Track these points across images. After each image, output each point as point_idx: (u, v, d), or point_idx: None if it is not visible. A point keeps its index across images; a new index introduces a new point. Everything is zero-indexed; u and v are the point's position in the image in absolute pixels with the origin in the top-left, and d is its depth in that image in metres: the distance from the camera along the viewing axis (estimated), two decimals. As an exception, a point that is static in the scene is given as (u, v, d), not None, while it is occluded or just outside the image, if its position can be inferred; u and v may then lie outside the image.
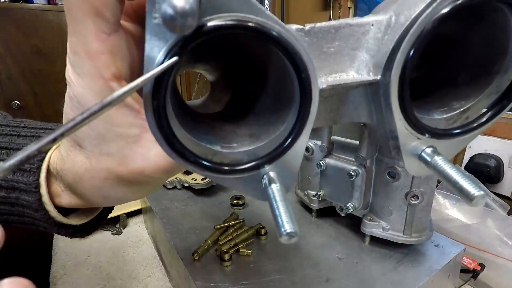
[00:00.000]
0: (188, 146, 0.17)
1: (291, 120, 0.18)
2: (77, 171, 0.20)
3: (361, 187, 0.43)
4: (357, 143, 0.42)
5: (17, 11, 1.26)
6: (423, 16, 0.16)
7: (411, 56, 0.17)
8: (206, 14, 0.14)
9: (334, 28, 0.19)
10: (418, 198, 0.40)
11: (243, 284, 0.38)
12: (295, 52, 0.15)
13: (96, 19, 0.16)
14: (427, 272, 0.40)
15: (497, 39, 0.20)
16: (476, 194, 0.16)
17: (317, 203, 0.51)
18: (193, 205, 0.57)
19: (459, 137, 0.20)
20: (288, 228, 0.15)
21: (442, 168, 0.18)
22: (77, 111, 0.18)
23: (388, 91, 0.18)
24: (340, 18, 1.35)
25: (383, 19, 0.19)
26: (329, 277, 0.39)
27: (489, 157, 0.75)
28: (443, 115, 0.22)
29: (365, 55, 0.19)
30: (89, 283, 0.54)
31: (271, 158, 0.18)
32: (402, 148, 0.20)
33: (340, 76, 0.19)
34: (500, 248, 0.51)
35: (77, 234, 0.27)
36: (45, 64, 1.34)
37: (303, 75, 0.16)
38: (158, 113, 0.15)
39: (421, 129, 0.19)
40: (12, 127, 0.27)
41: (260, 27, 0.15)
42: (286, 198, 0.17)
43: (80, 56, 0.17)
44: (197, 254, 0.42)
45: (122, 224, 0.68)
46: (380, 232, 0.44)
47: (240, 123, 0.22)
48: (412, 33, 0.17)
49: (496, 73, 0.20)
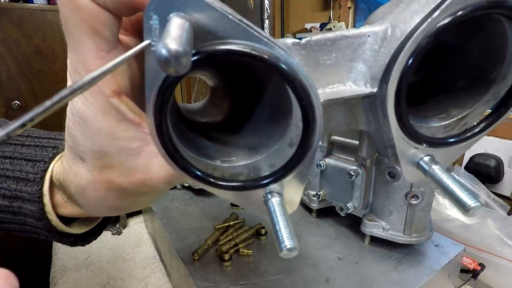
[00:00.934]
0: (190, 160, 0.17)
1: (291, 134, 0.18)
2: (80, 183, 0.20)
3: (361, 187, 0.43)
4: (357, 143, 0.42)
5: (17, 11, 1.26)
6: (418, 31, 0.16)
7: (406, 70, 0.17)
8: (202, 41, 0.14)
9: (330, 40, 0.19)
10: (418, 198, 0.40)
11: (243, 284, 0.38)
12: (298, 80, 0.15)
13: (94, 37, 0.16)
14: (427, 272, 0.40)
15: (495, 47, 0.20)
16: (472, 205, 0.16)
17: (317, 203, 0.51)
18: (193, 205, 0.57)
19: (456, 145, 0.20)
20: (288, 244, 0.15)
21: (440, 178, 0.18)
22: (80, 127, 0.18)
23: (385, 103, 0.18)
24: (340, 18, 1.36)
25: (379, 31, 0.18)
26: (329, 277, 0.39)
27: (489, 157, 0.75)
28: (440, 123, 0.22)
29: (362, 66, 0.19)
30: (89, 283, 0.54)
31: (276, 178, 0.18)
32: (400, 156, 0.20)
33: (338, 87, 0.19)
34: (500, 248, 0.51)
35: (78, 242, 0.27)
36: (45, 64, 1.34)
37: (304, 102, 0.16)
38: (162, 133, 0.16)
39: (418, 139, 0.19)
40: (15, 135, 0.27)
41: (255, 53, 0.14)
42: (286, 213, 0.17)
43: (81, 74, 0.17)
44: (197, 254, 0.42)
45: (122, 224, 0.68)
46: (380, 232, 0.44)
47: (238, 133, 0.22)
48: (407, 48, 0.16)
49: (494, 80, 0.20)
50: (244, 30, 0.14)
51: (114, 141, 0.18)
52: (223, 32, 0.14)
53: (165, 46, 0.11)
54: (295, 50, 0.19)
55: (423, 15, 0.16)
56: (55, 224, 0.24)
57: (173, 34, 0.12)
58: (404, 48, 0.16)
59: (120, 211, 0.24)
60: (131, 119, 0.18)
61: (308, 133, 0.16)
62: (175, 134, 0.17)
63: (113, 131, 0.18)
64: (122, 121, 0.18)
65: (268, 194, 0.18)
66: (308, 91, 0.15)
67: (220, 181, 0.18)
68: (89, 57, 0.16)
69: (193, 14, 0.14)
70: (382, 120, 0.19)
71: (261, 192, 0.19)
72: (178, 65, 0.11)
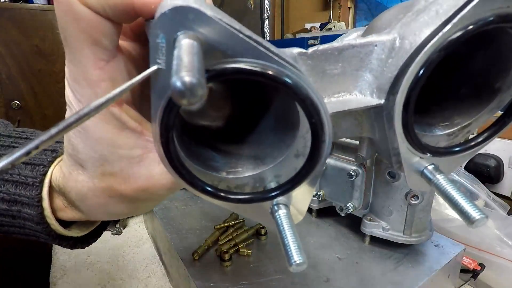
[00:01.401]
0: (195, 173, 0.17)
1: (297, 145, 0.18)
2: (80, 190, 0.20)
3: (361, 187, 0.43)
4: (357, 143, 0.42)
5: (17, 11, 1.26)
6: (429, 45, 0.16)
7: (416, 84, 0.17)
8: (210, 58, 0.14)
9: (337, 50, 0.18)
10: (418, 198, 0.40)
11: (243, 284, 0.38)
12: (309, 99, 0.15)
13: (94, 47, 0.16)
14: (427, 272, 0.40)
15: (501, 56, 0.19)
16: (477, 218, 0.16)
17: (317, 203, 0.51)
18: (193, 205, 0.57)
19: (460, 154, 0.21)
20: (297, 260, 0.15)
21: (444, 188, 0.18)
22: (80, 135, 0.18)
23: (391, 115, 0.18)
24: (340, 18, 1.36)
25: (387, 41, 0.18)
26: (329, 277, 0.39)
27: (489, 157, 0.75)
28: (444, 131, 0.22)
29: (369, 75, 0.19)
30: (89, 283, 0.54)
31: (283, 191, 0.18)
32: (404, 165, 0.20)
33: (344, 96, 0.19)
34: (500, 248, 0.51)
35: (78, 245, 0.27)
36: (45, 64, 1.34)
37: (314, 119, 0.15)
38: (169, 151, 0.15)
39: (423, 149, 0.19)
40: (14, 137, 0.26)
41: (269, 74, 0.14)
42: (293, 225, 0.17)
43: (80, 84, 0.17)
44: (197, 254, 0.42)
45: (122, 224, 0.68)
46: (380, 232, 0.44)
47: (243, 143, 0.22)
48: (417, 62, 0.16)
49: (499, 89, 0.20)
50: (253, 48, 0.14)
51: (115, 149, 0.18)
52: (232, 49, 0.14)
53: (180, 79, 0.10)
54: (302, 60, 0.18)
55: (434, 28, 0.16)
56: (55, 228, 0.24)
57: (185, 62, 0.11)
58: (414, 61, 0.16)
59: (121, 216, 0.23)
60: (132, 127, 0.18)
61: (317, 147, 0.16)
62: (181, 148, 0.17)
63: (114, 140, 0.18)
64: (124, 129, 0.18)
65: (274, 206, 0.18)
66: (319, 109, 0.15)
67: (227, 194, 0.17)
68: (89, 67, 0.16)
69: (200, 31, 0.13)
70: (387, 130, 0.19)
71: (267, 203, 0.18)
72: (193, 97, 0.10)
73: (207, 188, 0.17)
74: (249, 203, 0.18)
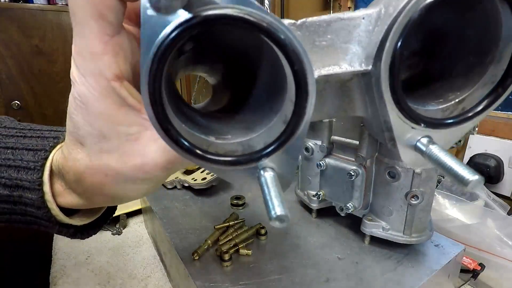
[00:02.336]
0: (183, 135, 0.17)
1: (285, 111, 0.18)
2: (78, 168, 0.21)
3: (361, 187, 0.43)
4: (357, 143, 0.42)
5: (17, 11, 1.26)
6: (410, 5, 0.16)
7: (399, 45, 0.17)
8: (198, 6, 0.14)
9: (325, 22, 0.19)
10: (418, 198, 0.40)
11: (243, 284, 0.38)
12: (287, 42, 0.15)
13: (99, 21, 0.17)
14: (427, 272, 0.40)
15: (489, 30, 0.20)
16: (471, 179, 0.16)
17: (317, 203, 0.51)
18: (193, 205, 0.57)
19: (454, 127, 0.20)
20: (278, 211, 0.15)
21: (437, 156, 0.18)
22: (81, 111, 0.19)
23: (379, 81, 0.18)
24: (340, 18, 1.35)
25: (373, 12, 0.19)
26: (329, 277, 0.39)
27: (489, 157, 0.75)
28: (438, 106, 0.22)
29: (357, 47, 0.20)
30: (89, 283, 0.54)
31: (269, 152, 0.18)
32: (397, 139, 0.20)
33: (333, 69, 0.20)
34: (500, 248, 0.51)
35: (78, 234, 0.27)
36: (45, 64, 1.34)
37: (296, 67, 0.15)
38: (154, 99, 0.15)
39: (415, 119, 0.19)
40: (18, 129, 0.27)
41: (249, 18, 0.14)
42: (279, 185, 0.17)
43: (84, 56, 0.17)
44: (197, 254, 0.42)
45: (122, 224, 0.68)
46: (380, 232, 0.44)
47: (236, 118, 0.22)
48: (399, 22, 0.17)
49: (490, 63, 0.20)
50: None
51: (113, 125, 0.19)
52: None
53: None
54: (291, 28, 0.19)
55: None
56: (55, 214, 0.24)
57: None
58: (396, 22, 0.17)
59: (116, 200, 0.24)
60: (131, 104, 0.19)
61: (301, 100, 0.16)
62: (171, 108, 0.17)
63: (113, 115, 0.19)
64: (123, 105, 0.19)
65: (261, 170, 0.18)
66: (300, 55, 0.15)
67: (213, 156, 0.17)
68: (93, 40, 0.17)
69: None
70: (378, 101, 0.19)
71: (254, 168, 0.18)
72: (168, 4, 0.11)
73: (192, 147, 0.17)
74: (235, 165, 0.18)
